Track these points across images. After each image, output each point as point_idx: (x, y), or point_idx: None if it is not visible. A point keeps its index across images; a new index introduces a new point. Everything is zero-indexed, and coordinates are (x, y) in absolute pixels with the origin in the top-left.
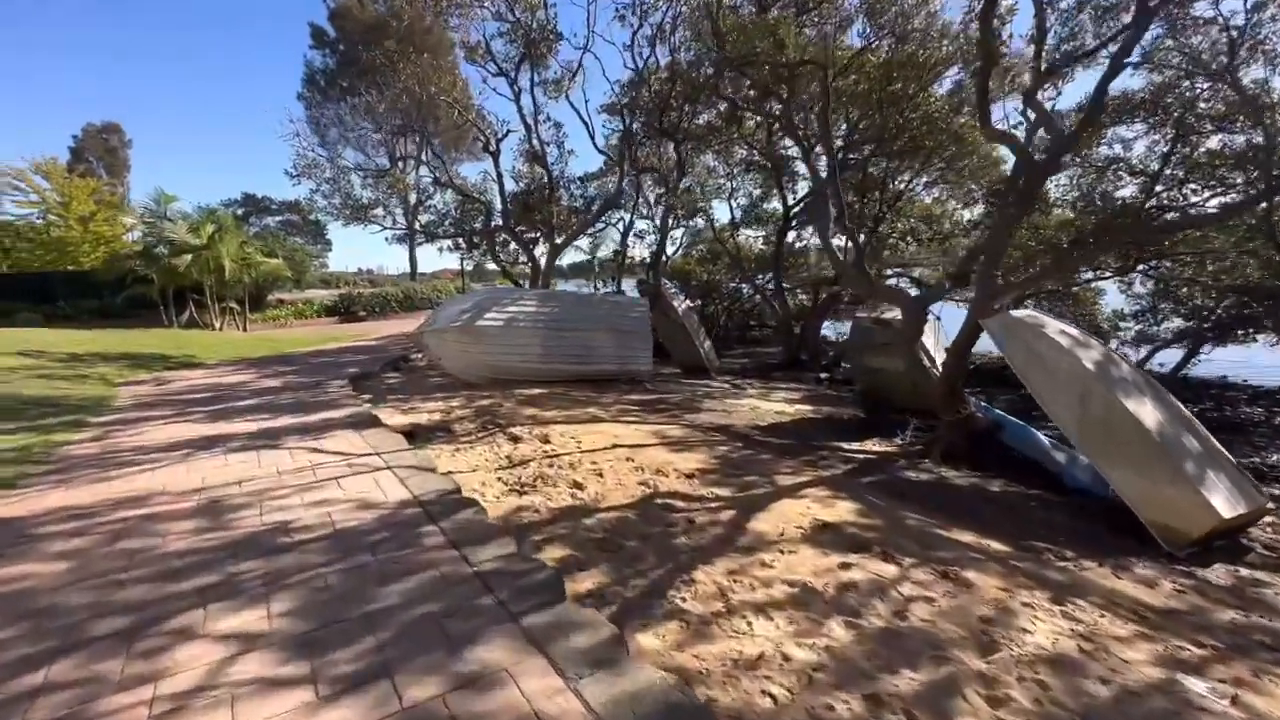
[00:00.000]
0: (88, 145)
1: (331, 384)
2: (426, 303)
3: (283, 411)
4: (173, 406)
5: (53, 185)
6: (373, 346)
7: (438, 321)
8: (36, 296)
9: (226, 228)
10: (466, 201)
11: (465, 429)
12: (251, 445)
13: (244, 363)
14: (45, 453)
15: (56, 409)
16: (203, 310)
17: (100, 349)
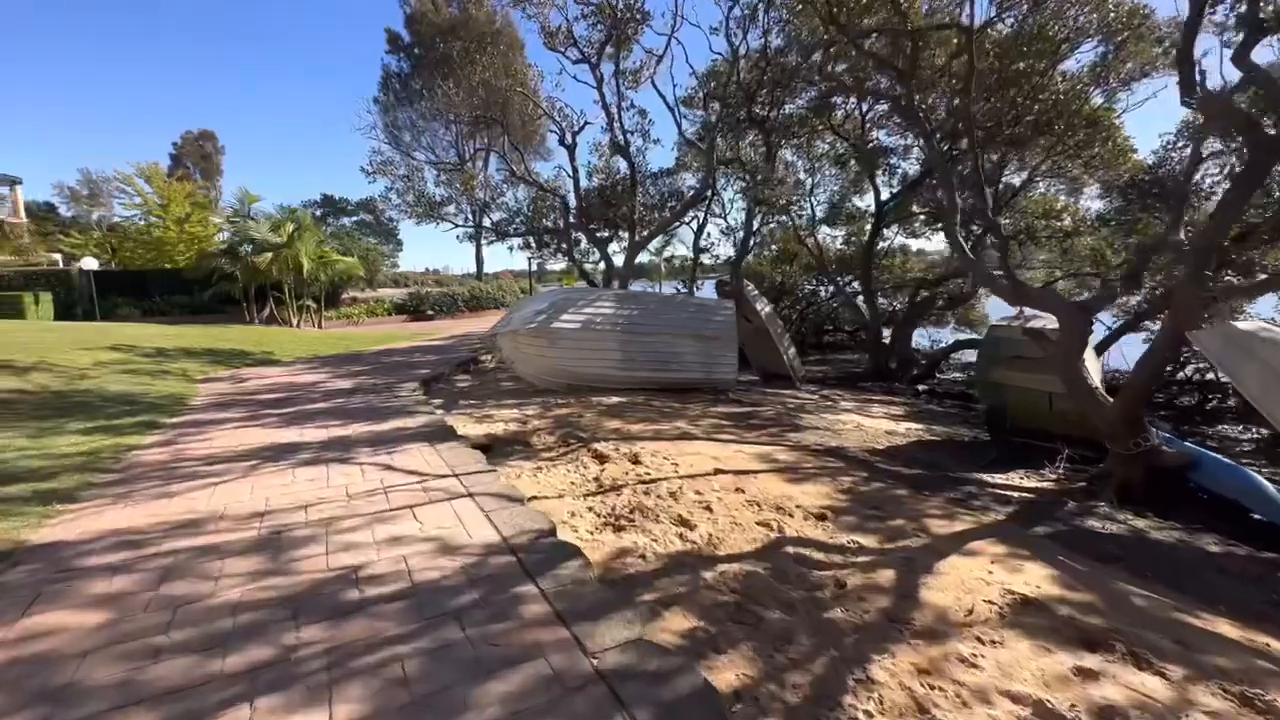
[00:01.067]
0: (186, 151)
1: (403, 387)
2: (492, 302)
3: (354, 417)
4: (245, 408)
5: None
6: (442, 346)
7: (511, 323)
8: (136, 292)
9: (305, 226)
10: (539, 198)
11: (544, 443)
12: (321, 458)
13: (318, 361)
14: (114, 458)
15: (134, 407)
16: (282, 307)
17: (186, 344)
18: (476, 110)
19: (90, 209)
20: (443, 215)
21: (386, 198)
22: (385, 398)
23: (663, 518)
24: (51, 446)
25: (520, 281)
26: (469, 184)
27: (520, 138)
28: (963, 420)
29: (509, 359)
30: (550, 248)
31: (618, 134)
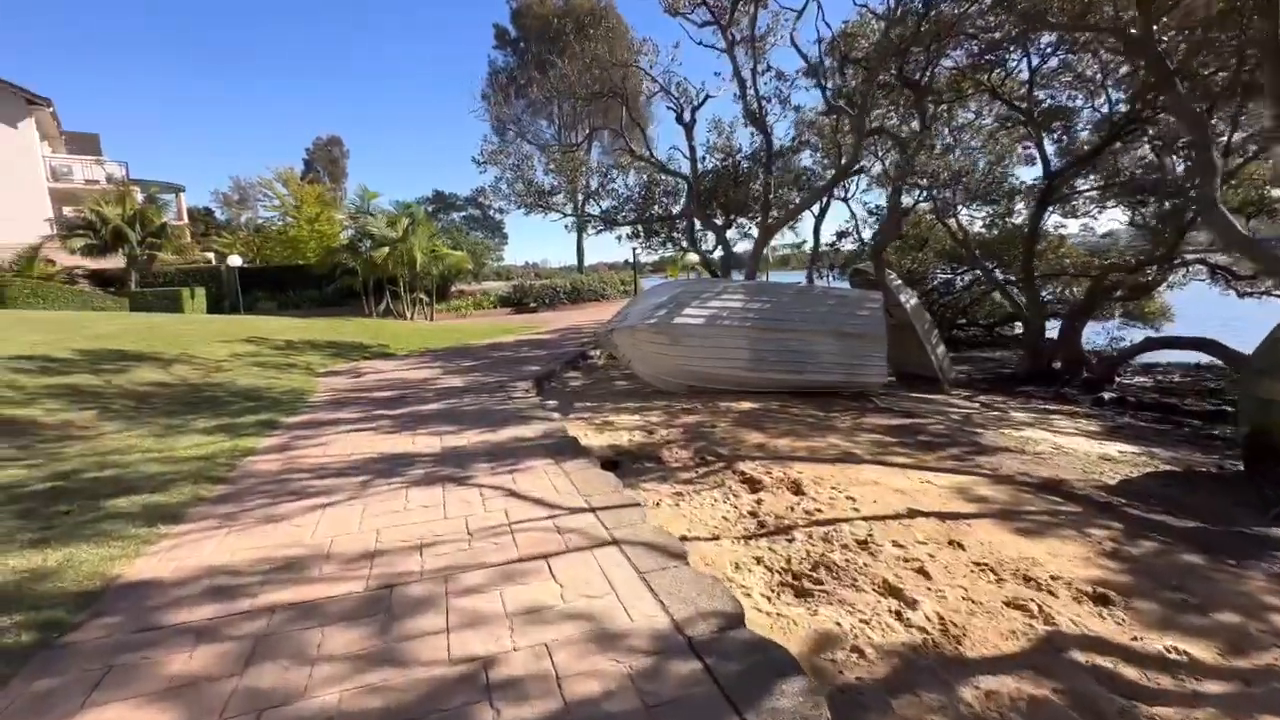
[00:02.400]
0: (316, 156)
1: (515, 386)
2: (593, 295)
3: (468, 422)
4: (360, 407)
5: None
6: (547, 340)
7: (629, 318)
8: (273, 287)
9: (419, 221)
10: (651, 182)
11: (678, 458)
12: (435, 475)
13: (429, 355)
14: (228, 464)
15: (257, 404)
16: (397, 301)
17: (311, 337)
18: (593, 86)
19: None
20: (550, 204)
21: (496, 187)
22: (498, 399)
23: (861, 581)
24: (173, 448)
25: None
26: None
27: (625, 122)
28: (1186, 441)
29: (625, 357)
30: (660, 236)
31: (751, 102)
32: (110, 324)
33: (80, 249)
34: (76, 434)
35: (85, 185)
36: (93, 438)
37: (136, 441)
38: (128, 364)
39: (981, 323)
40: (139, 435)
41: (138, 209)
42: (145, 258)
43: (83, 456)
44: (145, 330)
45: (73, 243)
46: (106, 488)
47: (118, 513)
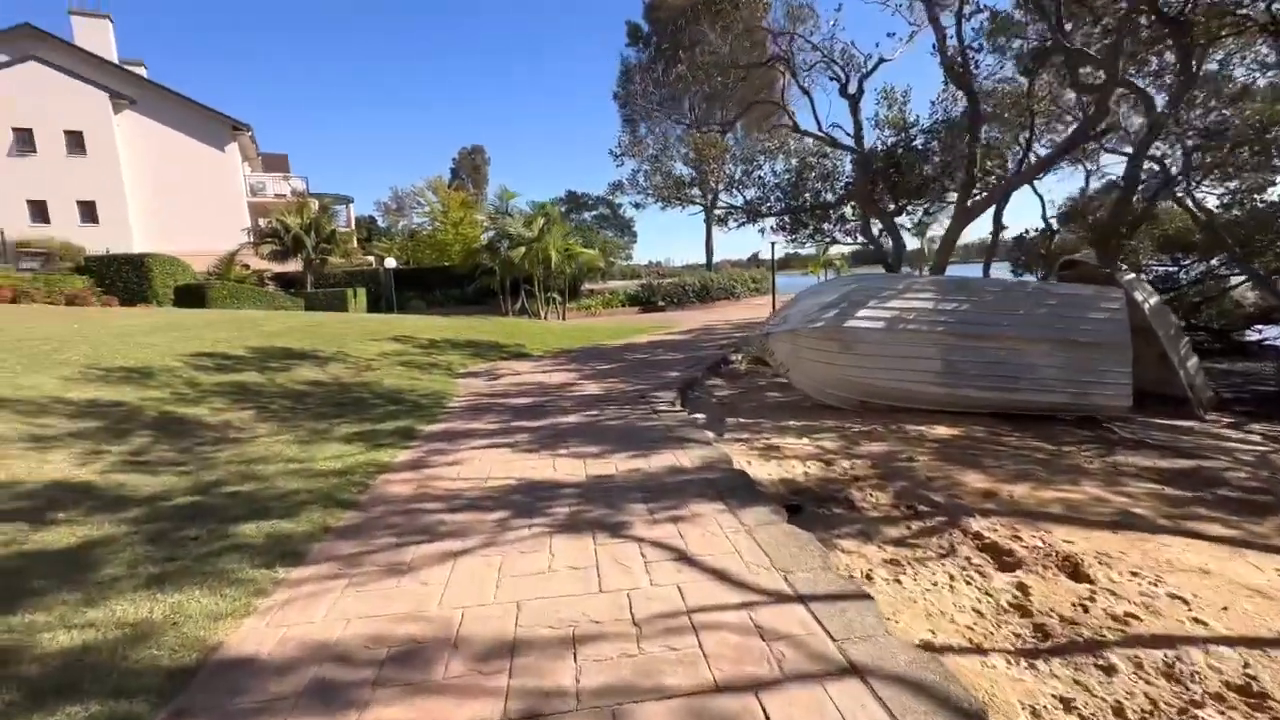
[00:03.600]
0: (461, 165)
1: (657, 396)
2: (722, 293)
3: (613, 441)
4: (497, 416)
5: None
6: (681, 341)
7: (789, 320)
8: (421, 287)
9: (554, 220)
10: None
11: (876, 504)
12: (582, 518)
13: (564, 356)
14: (362, 483)
15: (399, 408)
16: (531, 300)
17: (452, 335)
18: (751, 54)
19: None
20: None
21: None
22: (642, 412)
23: None
24: (313, 459)
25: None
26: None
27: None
28: None
29: (782, 366)
30: (808, 229)
31: (953, 54)
32: (281, 323)
33: (268, 254)
34: (232, 436)
35: (274, 199)
36: (245, 441)
37: (281, 449)
38: (291, 362)
39: (1213, 326)
40: (285, 441)
41: (313, 218)
42: (318, 261)
43: (229, 464)
44: (308, 329)
45: (262, 249)
46: (239, 508)
47: (242, 543)
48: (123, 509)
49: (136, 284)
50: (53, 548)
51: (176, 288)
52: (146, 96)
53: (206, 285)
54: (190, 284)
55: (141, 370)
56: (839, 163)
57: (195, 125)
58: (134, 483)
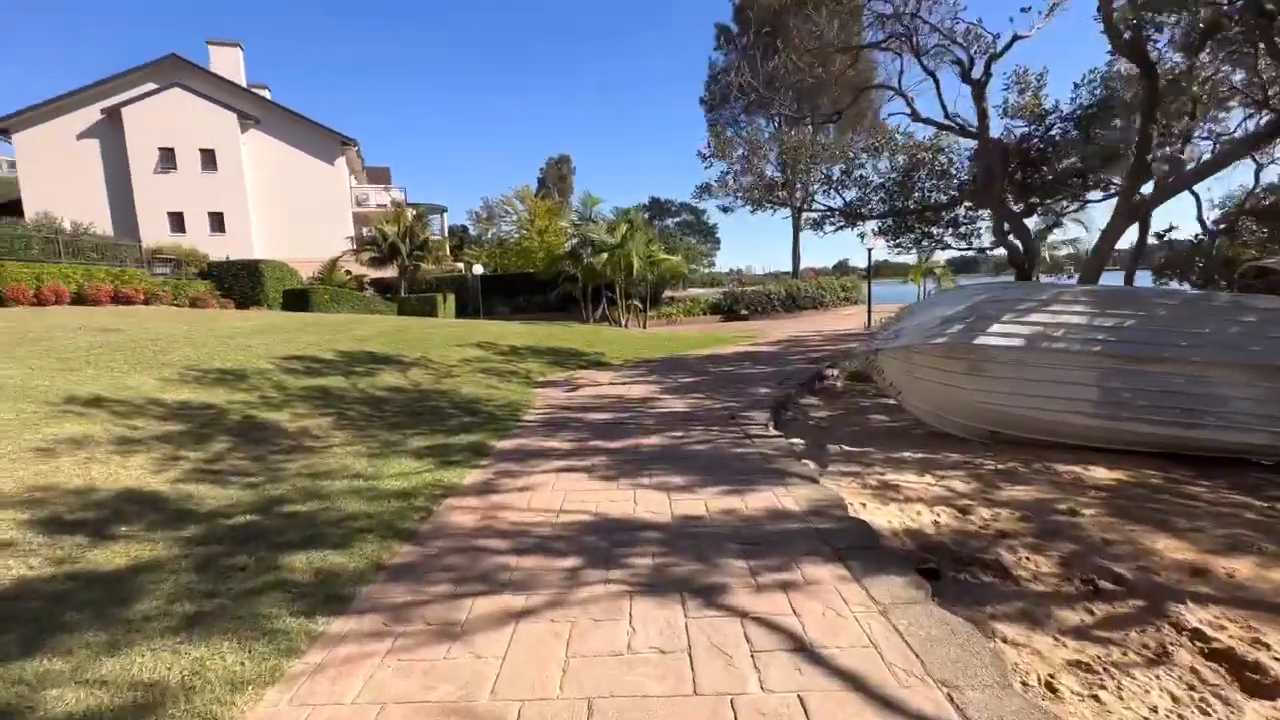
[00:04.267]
0: (548, 174)
1: (748, 416)
2: (810, 302)
3: (700, 470)
4: (573, 432)
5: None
6: (768, 353)
7: (903, 335)
8: (507, 293)
9: (637, 226)
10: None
11: (1035, 571)
12: (669, 574)
13: (644, 366)
14: (425, 508)
15: (474, 419)
16: (612, 307)
17: (533, 342)
18: (857, 40)
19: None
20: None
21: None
22: (732, 435)
23: None
24: (380, 476)
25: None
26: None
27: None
28: None
29: (893, 386)
30: (914, 233)
31: (1123, 13)
32: (371, 327)
33: (367, 261)
34: (307, 444)
35: (376, 209)
36: (318, 451)
37: (350, 462)
38: (375, 366)
39: None
40: (356, 453)
41: (408, 226)
42: (412, 267)
43: (297, 477)
44: (396, 334)
45: (362, 255)
46: (295, 532)
47: (287, 580)
48: (182, 525)
49: (250, 288)
50: (101, 570)
51: (285, 292)
52: (268, 116)
53: (311, 290)
54: (297, 288)
55: (235, 373)
56: (954, 158)
57: (309, 141)
58: (201, 494)
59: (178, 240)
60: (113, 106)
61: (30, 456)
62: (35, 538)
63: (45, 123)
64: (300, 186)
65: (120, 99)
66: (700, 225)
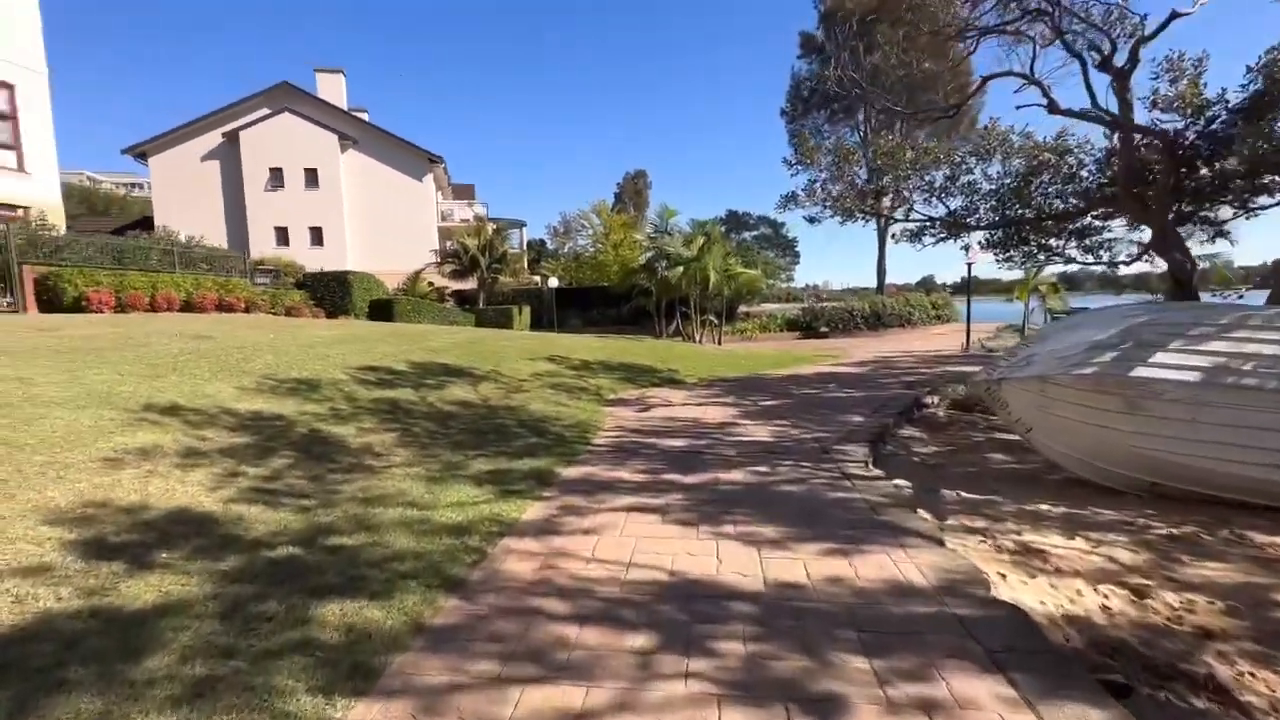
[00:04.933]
0: (625, 189)
1: (843, 451)
2: (897, 319)
3: (793, 519)
4: (645, 462)
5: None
6: (854, 375)
7: (1035, 361)
8: (580, 306)
9: (715, 239)
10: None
11: (1272, 697)
12: (767, 673)
13: (720, 386)
14: (479, 549)
15: (540, 440)
16: (686, 322)
17: (605, 357)
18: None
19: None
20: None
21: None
22: (827, 473)
23: None
24: (436, 505)
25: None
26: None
27: (948, 124)
28: None
29: (1019, 421)
30: (1028, 244)
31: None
32: (446, 339)
33: (449, 273)
34: (367, 463)
35: (459, 223)
36: (378, 471)
37: (408, 486)
38: (446, 379)
39: None
40: (415, 475)
41: (488, 239)
42: (490, 280)
43: (350, 502)
44: (470, 345)
45: (444, 268)
46: (336, 572)
47: (314, 638)
48: (223, 555)
49: (340, 298)
50: (127, 609)
51: (371, 302)
52: (364, 136)
53: (394, 300)
54: (382, 299)
55: (310, 382)
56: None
57: (400, 159)
58: (251, 517)
59: (281, 253)
60: (232, 130)
61: (96, 467)
62: (74, 562)
63: (175, 147)
64: (391, 202)
65: (239, 123)
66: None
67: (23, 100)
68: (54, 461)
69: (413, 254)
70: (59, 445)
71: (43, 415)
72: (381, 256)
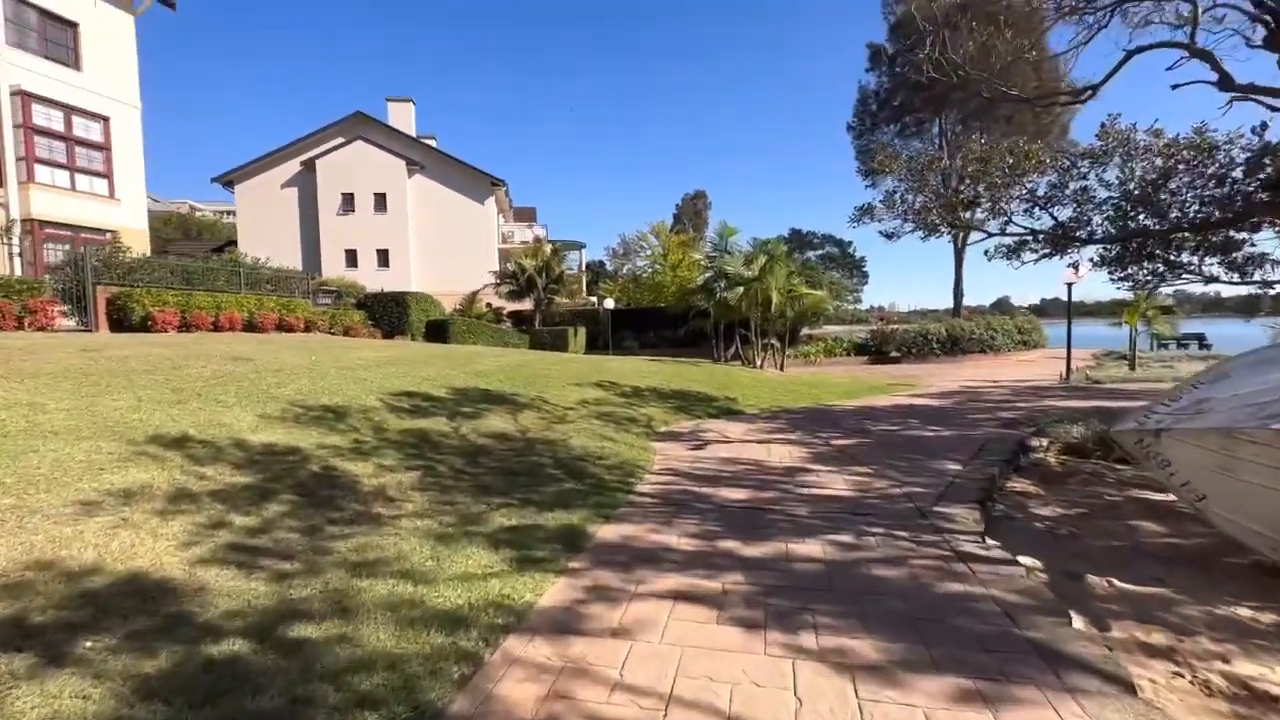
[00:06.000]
0: (684, 210)
1: (944, 513)
2: (978, 345)
3: (897, 630)
4: (697, 523)
5: (660, 241)
6: (939, 409)
7: (1212, 409)
8: (637, 328)
9: (777, 258)
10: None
11: None
12: None
13: (783, 418)
14: (472, 658)
15: (576, 487)
16: (746, 345)
17: (658, 383)
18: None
19: (623, 263)
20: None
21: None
22: (933, 549)
23: None
24: (435, 581)
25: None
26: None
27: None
28: None
29: (1187, 485)
30: (1155, 260)
31: None
32: (493, 361)
33: (505, 294)
34: (375, 510)
35: (519, 245)
36: (384, 523)
37: (413, 547)
38: (485, 407)
39: None
40: (425, 531)
41: (546, 260)
42: (547, 300)
43: (336, 570)
44: (517, 369)
45: (501, 289)
46: (275, 693)
47: None
48: (155, 649)
49: (398, 319)
50: None
51: (427, 322)
52: (430, 160)
53: (450, 321)
54: (438, 319)
55: (338, 410)
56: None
57: (463, 183)
58: (215, 587)
59: (350, 274)
60: (309, 159)
61: (66, 513)
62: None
63: (258, 175)
64: (453, 224)
65: (316, 152)
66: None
67: (117, 132)
68: (20, 506)
69: (474, 275)
70: (37, 485)
71: (34, 448)
72: (444, 278)
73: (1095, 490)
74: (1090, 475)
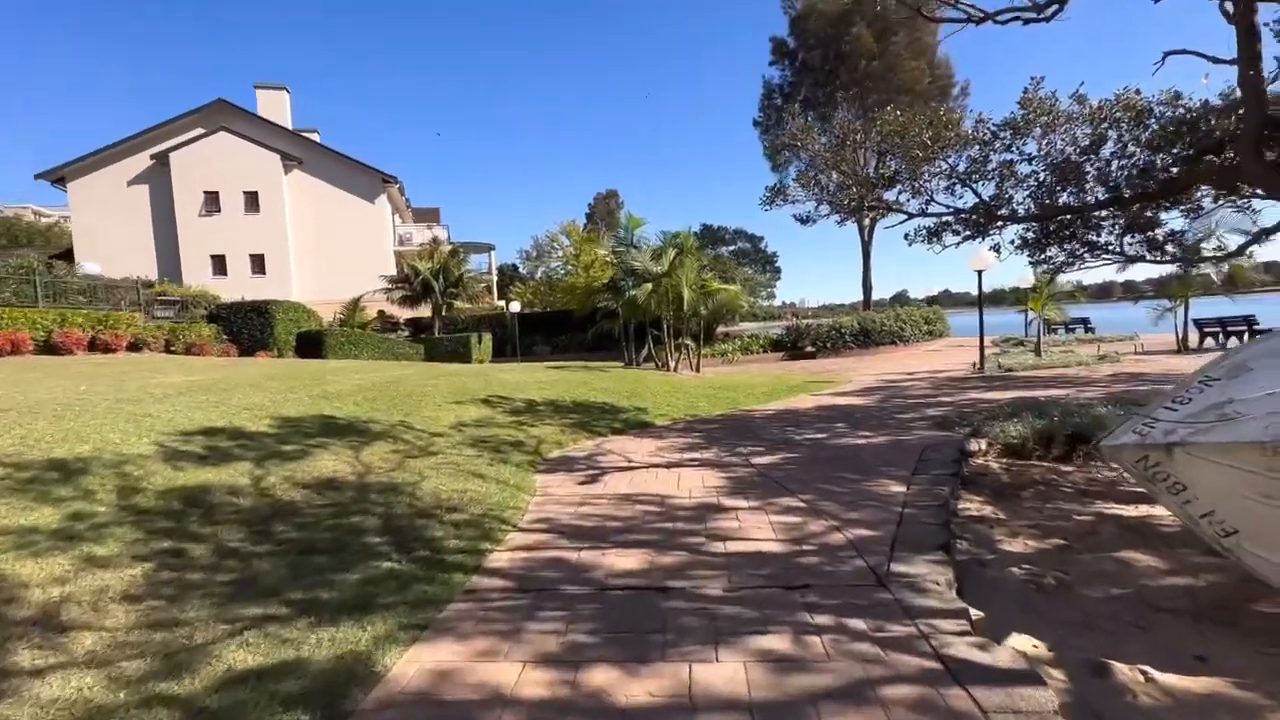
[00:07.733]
0: (596, 209)
1: (908, 576)
2: (888, 337)
3: None
4: (559, 626)
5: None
6: (865, 409)
7: (1243, 416)
8: (546, 331)
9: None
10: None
11: None
12: None
13: (699, 430)
14: None
15: (400, 561)
16: (659, 347)
17: (557, 395)
18: None
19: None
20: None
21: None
22: (900, 642)
23: None
24: None
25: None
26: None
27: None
28: None
29: (1213, 515)
30: (1076, 241)
31: None
32: (356, 378)
33: (399, 300)
34: (9, 662)
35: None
36: (8, 694)
37: None
38: (320, 442)
39: None
40: (69, 704)
41: (443, 263)
42: (446, 306)
43: None
44: (385, 387)
45: (393, 294)
46: None
47: None
48: None
49: (260, 331)
50: None
51: (298, 335)
52: (311, 156)
53: (326, 333)
54: (311, 331)
55: (74, 465)
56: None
57: (350, 180)
58: None
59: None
60: (162, 152)
61: None
62: None
63: (97, 170)
64: (341, 226)
65: (169, 144)
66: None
67: None
68: None
69: (365, 281)
70: None
71: None
72: (330, 285)
73: (1057, 507)
74: (1043, 485)
